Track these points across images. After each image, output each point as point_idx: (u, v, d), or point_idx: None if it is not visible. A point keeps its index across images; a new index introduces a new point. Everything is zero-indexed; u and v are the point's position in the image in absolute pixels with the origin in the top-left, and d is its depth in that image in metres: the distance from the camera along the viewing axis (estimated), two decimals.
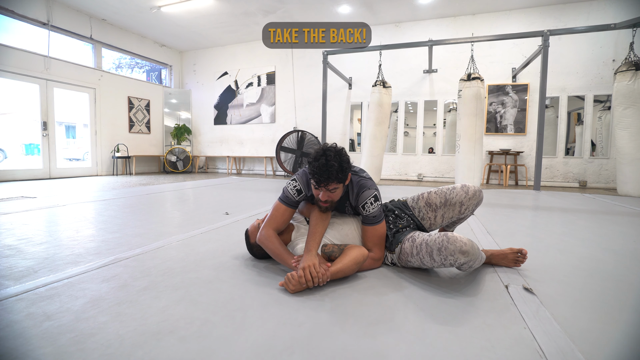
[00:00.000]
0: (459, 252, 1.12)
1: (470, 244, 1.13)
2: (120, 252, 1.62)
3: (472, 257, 1.14)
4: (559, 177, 5.73)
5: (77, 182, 5.20)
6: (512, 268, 1.42)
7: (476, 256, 1.16)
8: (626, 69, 3.97)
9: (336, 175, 1.24)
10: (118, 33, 6.94)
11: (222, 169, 8.38)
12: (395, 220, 1.46)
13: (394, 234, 1.43)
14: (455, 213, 1.41)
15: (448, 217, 1.43)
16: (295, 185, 1.41)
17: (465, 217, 1.48)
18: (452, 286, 1.23)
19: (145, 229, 2.09)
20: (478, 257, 1.18)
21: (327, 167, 1.22)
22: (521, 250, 1.40)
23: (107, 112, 6.81)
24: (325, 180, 1.24)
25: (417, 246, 1.27)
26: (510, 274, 1.35)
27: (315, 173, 1.25)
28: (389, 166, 6.72)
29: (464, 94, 4.65)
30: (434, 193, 1.46)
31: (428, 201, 1.46)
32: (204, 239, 1.88)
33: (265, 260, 1.52)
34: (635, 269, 1.46)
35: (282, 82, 7.53)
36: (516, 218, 2.65)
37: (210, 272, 1.36)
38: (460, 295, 1.16)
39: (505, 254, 1.42)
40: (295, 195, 1.41)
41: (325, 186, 1.26)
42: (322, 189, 1.28)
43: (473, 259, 1.15)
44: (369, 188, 1.37)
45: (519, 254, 1.40)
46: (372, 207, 1.35)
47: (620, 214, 2.91)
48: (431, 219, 1.47)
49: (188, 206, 3.09)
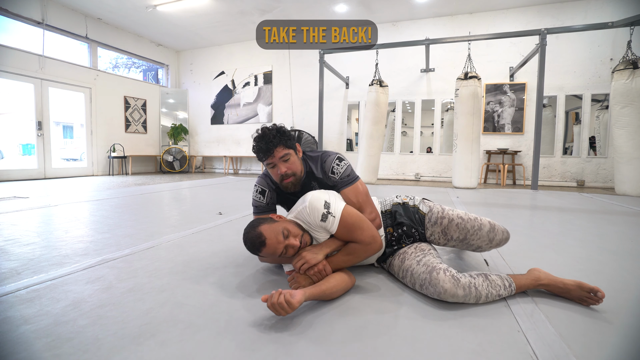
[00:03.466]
0: (437, 296, 1.03)
1: (451, 292, 1.00)
2: (109, 252, 1.59)
3: (460, 300, 1.02)
4: (557, 176, 5.72)
5: (72, 182, 5.16)
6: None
7: (466, 299, 1.02)
8: (624, 68, 3.95)
9: (276, 137, 1.22)
10: (114, 32, 6.90)
11: (219, 168, 8.34)
12: (400, 238, 1.29)
13: (393, 252, 1.30)
14: (469, 249, 1.30)
15: (458, 248, 1.32)
16: (257, 189, 1.38)
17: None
18: None
19: (136, 229, 2.06)
20: (471, 299, 1.02)
21: (264, 135, 1.23)
22: (596, 290, 1.03)
23: (103, 112, 6.76)
24: (267, 146, 1.21)
25: (404, 270, 1.19)
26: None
27: (258, 148, 1.23)
28: (386, 166, 6.69)
29: (461, 92, 4.62)
30: (455, 225, 1.24)
31: (445, 230, 1.26)
32: (194, 240, 1.85)
33: (256, 259, 1.48)
34: (632, 269, 1.44)
35: (279, 81, 7.49)
36: (513, 218, 2.62)
37: (197, 274, 1.33)
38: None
39: (567, 289, 1.08)
40: (261, 198, 1.37)
41: (272, 156, 1.23)
42: (275, 161, 1.24)
43: (463, 301, 1.02)
44: (329, 155, 1.34)
45: (589, 294, 1.04)
46: (341, 167, 1.30)
47: (617, 213, 2.89)
48: (440, 243, 1.30)
49: (182, 206, 3.06)
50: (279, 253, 1.10)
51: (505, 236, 1.27)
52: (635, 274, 1.38)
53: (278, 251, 1.09)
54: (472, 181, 4.72)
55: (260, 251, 1.11)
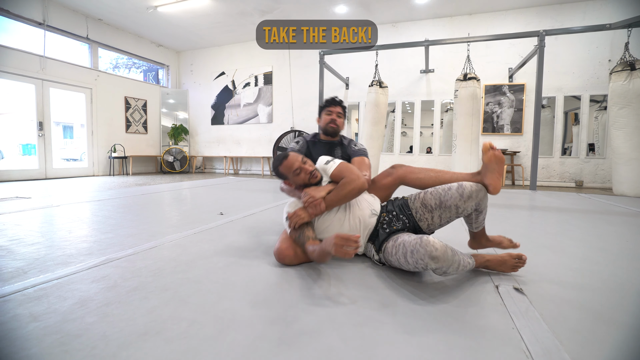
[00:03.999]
0: (429, 257, 1.09)
1: (442, 250, 1.09)
2: (112, 252, 1.61)
3: (444, 264, 1.09)
4: (556, 176, 5.75)
5: (73, 183, 5.18)
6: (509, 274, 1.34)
7: (449, 263, 1.10)
8: (621, 69, 3.98)
9: (340, 104, 1.92)
10: (114, 33, 6.93)
11: (219, 169, 8.37)
12: (391, 222, 1.43)
13: (387, 236, 1.40)
14: (453, 214, 1.34)
15: (446, 218, 1.36)
16: (295, 140, 2.02)
17: (471, 213, 1.36)
18: (441, 286, 1.23)
19: (138, 229, 2.09)
20: (452, 264, 1.12)
21: (334, 98, 1.95)
22: (520, 256, 1.31)
23: (104, 113, 6.79)
24: (338, 101, 1.92)
25: (397, 246, 1.26)
26: (502, 275, 1.35)
27: (332, 99, 1.94)
28: (386, 166, 6.68)
29: (460, 94, 4.65)
30: (429, 193, 1.39)
31: (423, 202, 1.40)
32: (196, 240, 1.88)
33: (257, 258, 1.51)
34: (627, 268, 1.47)
35: (279, 82, 7.52)
36: (511, 218, 2.65)
37: (200, 273, 1.36)
38: (449, 296, 1.15)
39: (503, 260, 1.33)
40: (295, 146, 1.97)
41: (336, 107, 1.89)
42: (334, 112, 1.89)
43: (445, 266, 1.10)
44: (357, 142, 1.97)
45: (517, 260, 1.31)
46: (361, 145, 1.92)
47: (615, 213, 2.92)
48: (428, 219, 1.40)
49: (183, 206, 3.08)
50: (295, 167, 1.47)
51: (475, 188, 1.30)
52: (630, 273, 1.41)
53: (294, 166, 1.47)
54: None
55: (282, 164, 1.49)
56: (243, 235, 1.99)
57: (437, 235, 1.52)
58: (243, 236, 1.96)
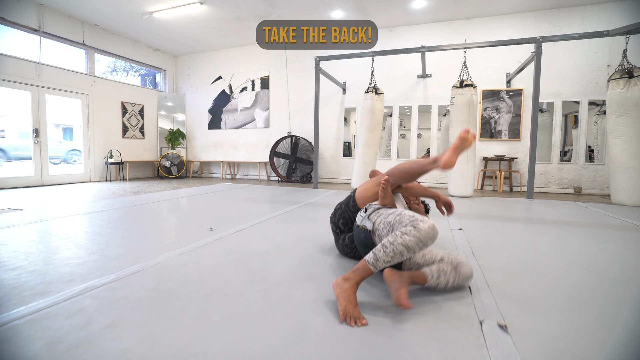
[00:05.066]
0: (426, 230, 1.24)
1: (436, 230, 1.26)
2: (94, 278, 1.59)
3: (430, 241, 1.25)
4: (554, 183, 5.70)
5: (69, 190, 5.17)
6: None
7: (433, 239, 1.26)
8: (619, 77, 3.93)
9: None
10: (111, 38, 6.91)
11: (216, 173, 8.35)
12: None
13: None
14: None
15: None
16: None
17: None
18: (420, 319, 1.20)
19: (125, 249, 2.06)
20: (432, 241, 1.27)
21: None
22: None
23: (100, 118, 6.77)
24: None
25: (390, 213, 1.45)
26: (488, 304, 1.32)
27: None
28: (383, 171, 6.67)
29: (456, 101, 4.61)
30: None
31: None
32: (182, 262, 1.85)
33: (240, 284, 1.48)
34: (620, 296, 1.43)
35: (276, 86, 7.49)
36: (504, 233, 2.61)
37: (180, 305, 1.33)
38: (429, 331, 1.12)
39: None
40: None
41: None
42: None
43: (430, 243, 1.26)
44: None
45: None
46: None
47: (611, 227, 2.88)
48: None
49: (174, 219, 3.05)
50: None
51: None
52: (621, 302, 1.37)
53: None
54: (467, 190, 4.71)
55: None
56: (230, 256, 1.96)
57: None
58: (230, 257, 1.93)
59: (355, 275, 1.26)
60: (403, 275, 1.26)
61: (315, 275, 1.64)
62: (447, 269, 1.35)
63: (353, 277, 1.26)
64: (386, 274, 1.26)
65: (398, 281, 1.21)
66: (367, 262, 1.27)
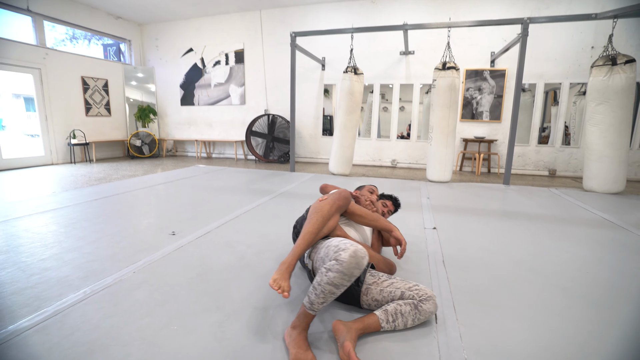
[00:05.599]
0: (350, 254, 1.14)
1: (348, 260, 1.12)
2: (27, 313, 1.42)
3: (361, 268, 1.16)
4: (530, 165, 5.75)
5: (27, 177, 4.80)
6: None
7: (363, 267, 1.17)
8: (602, 64, 3.82)
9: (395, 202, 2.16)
10: (62, 3, 6.17)
11: (191, 152, 8.00)
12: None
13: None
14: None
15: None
16: None
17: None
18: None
19: (72, 267, 1.88)
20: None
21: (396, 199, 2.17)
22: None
23: (58, 95, 6.21)
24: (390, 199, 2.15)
25: (321, 247, 1.34)
26: (452, 339, 1.25)
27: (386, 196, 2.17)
28: (362, 151, 6.56)
29: (438, 84, 4.43)
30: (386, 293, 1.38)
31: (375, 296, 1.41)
32: (134, 284, 1.70)
33: (194, 316, 1.36)
34: (586, 318, 1.40)
35: (251, 61, 7.03)
36: (477, 233, 2.58)
37: (120, 351, 1.20)
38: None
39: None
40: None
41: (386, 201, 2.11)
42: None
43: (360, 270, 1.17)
44: None
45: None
46: None
47: (582, 222, 2.90)
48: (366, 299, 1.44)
49: (135, 219, 2.84)
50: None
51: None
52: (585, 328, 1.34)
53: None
54: (445, 175, 4.67)
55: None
56: (187, 274, 1.82)
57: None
58: (187, 276, 1.79)
59: (300, 322, 1.19)
60: (351, 327, 1.18)
61: (275, 303, 1.53)
62: (405, 309, 1.26)
63: (298, 324, 1.19)
64: (334, 326, 1.21)
65: (345, 334, 1.13)
66: (305, 307, 1.18)
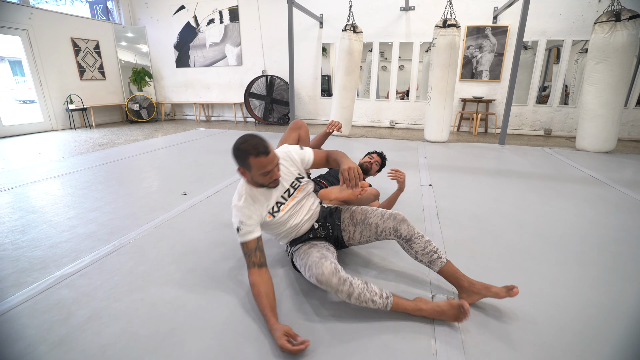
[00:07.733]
0: (315, 278, 1.16)
1: (327, 276, 1.13)
2: (69, 263, 1.61)
3: (328, 288, 1.14)
4: (527, 125, 5.82)
5: (28, 144, 4.86)
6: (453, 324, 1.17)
7: (334, 289, 1.13)
8: (606, 20, 3.77)
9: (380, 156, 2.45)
10: None
11: (190, 115, 7.96)
12: (317, 230, 1.46)
13: (307, 239, 1.44)
14: (372, 234, 1.40)
15: (365, 236, 1.43)
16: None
17: (400, 241, 1.35)
18: None
19: (97, 225, 2.05)
20: (339, 292, 1.13)
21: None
22: (462, 305, 1.11)
23: (50, 58, 6.05)
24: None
25: (303, 255, 1.33)
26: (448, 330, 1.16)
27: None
28: (361, 112, 6.57)
29: (438, 42, 4.37)
30: (360, 208, 1.48)
31: (352, 214, 1.48)
32: (156, 237, 1.88)
33: (214, 262, 1.54)
34: (565, 260, 1.60)
35: (246, 19, 6.76)
36: (471, 190, 2.74)
37: (156, 290, 1.39)
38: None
39: (442, 311, 1.17)
40: None
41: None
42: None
43: (331, 290, 1.15)
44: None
45: (459, 310, 1.13)
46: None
47: (571, 179, 3.07)
48: (350, 232, 1.47)
49: (146, 182, 2.98)
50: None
51: (394, 213, 1.37)
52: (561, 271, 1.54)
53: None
54: (443, 135, 4.77)
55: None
56: (203, 228, 1.99)
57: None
58: (203, 230, 1.96)
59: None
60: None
61: (283, 249, 1.71)
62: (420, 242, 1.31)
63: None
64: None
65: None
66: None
